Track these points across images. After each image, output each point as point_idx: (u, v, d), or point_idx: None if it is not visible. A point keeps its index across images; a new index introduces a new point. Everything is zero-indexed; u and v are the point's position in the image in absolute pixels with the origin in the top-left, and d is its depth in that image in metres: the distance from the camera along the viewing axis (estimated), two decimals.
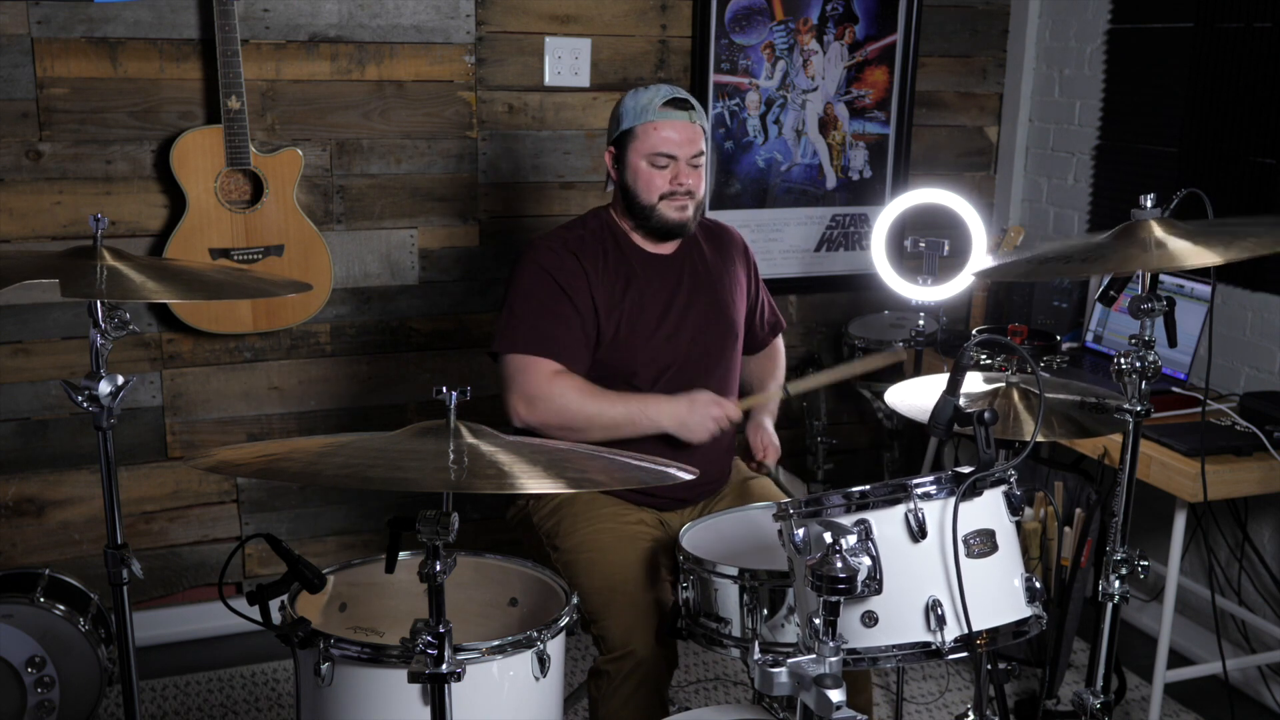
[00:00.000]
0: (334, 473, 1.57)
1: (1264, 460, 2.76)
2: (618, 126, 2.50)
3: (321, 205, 3.31)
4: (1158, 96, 3.49)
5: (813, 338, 3.91)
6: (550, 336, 2.43)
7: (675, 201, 2.48)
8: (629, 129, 2.47)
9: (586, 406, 2.41)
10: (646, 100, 2.46)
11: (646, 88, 2.50)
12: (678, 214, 2.49)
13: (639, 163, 2.46)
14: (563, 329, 2.44)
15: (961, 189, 3.77)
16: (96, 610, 2.79)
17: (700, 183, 2.51)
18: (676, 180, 2.46)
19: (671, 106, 2.45)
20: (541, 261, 2.48)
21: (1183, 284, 3.16)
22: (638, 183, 2.47)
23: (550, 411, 2.41)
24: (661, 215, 2.49)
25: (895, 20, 3.76)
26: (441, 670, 1.66)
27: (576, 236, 2.53)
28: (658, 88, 2.49)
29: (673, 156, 2.45)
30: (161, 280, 1.90)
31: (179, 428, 3.31)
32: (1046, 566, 2.84)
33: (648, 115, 2.45)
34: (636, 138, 2.46)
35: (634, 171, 2.47)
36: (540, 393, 2.41)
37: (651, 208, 2.48)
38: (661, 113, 2.44)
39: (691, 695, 3.16)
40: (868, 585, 1.74)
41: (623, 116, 2.49)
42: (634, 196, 2.49)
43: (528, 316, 2.45)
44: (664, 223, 2.49)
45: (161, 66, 3.10)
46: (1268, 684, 3.16)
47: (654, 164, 2.45)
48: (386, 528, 1.74)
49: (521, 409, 2.42)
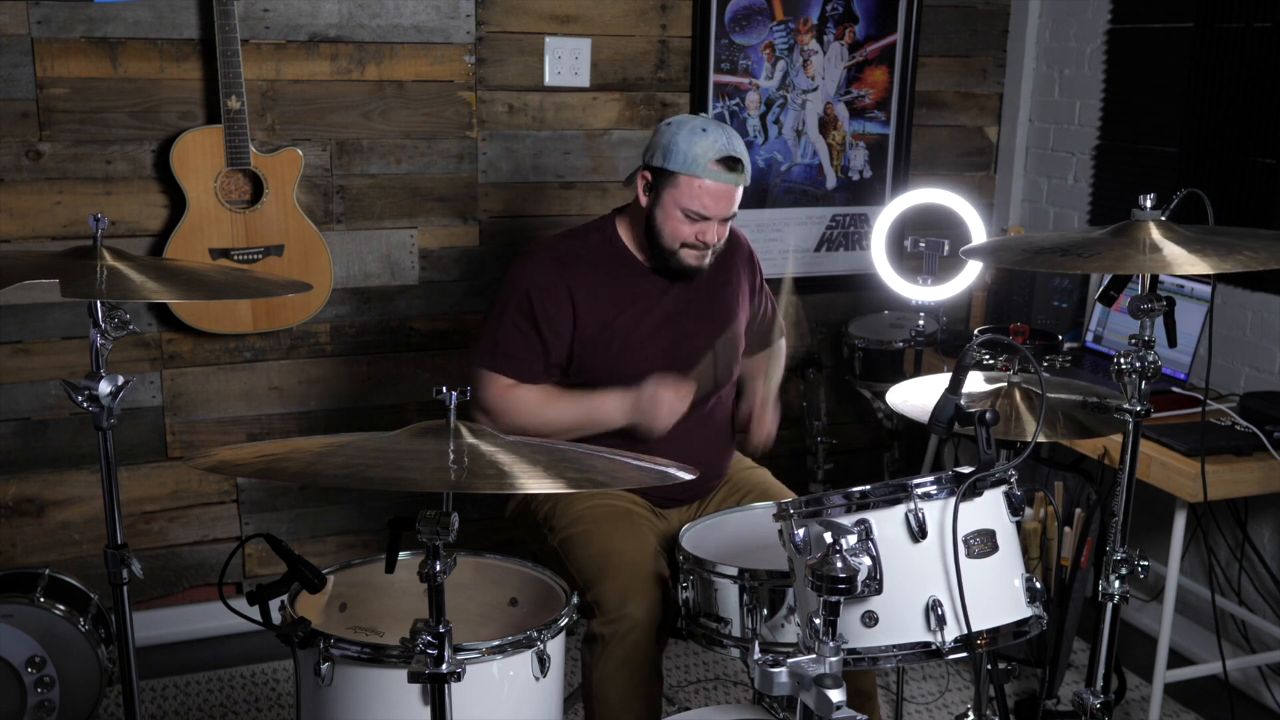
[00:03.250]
0: (334, 473, 1.57)
1: (1264, 460, 2.75)
2: (663, 159, 2.42)
3: (321, 205, 3.31)
4: (1158, 96, 3.49)
5: (813, 338, 3.91)
6: (508, 355, 2.48)
7: (696, 253, 2.48)
8: (674, 172, 2.41)
9: (539, 415, 2.47)
10: (701, 150, 2.38)
11: (706, 132, 2.40)
12: (695, 262, 2.50)
13: (673, 209, 2.43)
14: (525, 350, 2.48)
15: (961, 189, 3.77)
16: (96, 610, 2.79)
17: (725, 234, 2.50)
18: (702, 237, 2.45)
19: (723, 166, 2.39)
20: (526, 275, 2.50)
21: (1183, 284, 3.16)
22: (665, 226, 2.46)
23: (507, 424, 2.45)
24: (680, 261, 2.49)
25: (895, 20, 3.76)
26: (441, 670, 1.66)
27: (572, 250, 2.54)
28: (717, 137, 2.39)
29: (707, 217, 2.43)
30: (161, 280, 1.90)
31: (179, 428, 3.31)
32: (1046, 566, 2.84)
33: (697, 169, 2.39)
34: (678, 186, 2.41)
35: (665, 213, 2.45)
36: (496, 407, 2.48)
37: (673, 253, 2.49)
38: (712, 172, 2.39)
39: (691, 695, 3.16)
40: (868, 585, 1.74)
41: (671, 153, 2.40)
42: (657, 235, 2.48)
43: (494, 330, 2.51)
44: (680, 267, 2.51)
45: (161, 66, 3.10)
46: (1268, 684, 3.16)
47: (688, 216, 2.43)
48: (386, 528, 1.74)
49: (483, 419, 2.48)
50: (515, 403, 2.48)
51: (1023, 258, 2.01)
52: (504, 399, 2.48)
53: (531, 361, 2.49)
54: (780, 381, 2.77)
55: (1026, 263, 2.01)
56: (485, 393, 2.49)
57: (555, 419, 2.47)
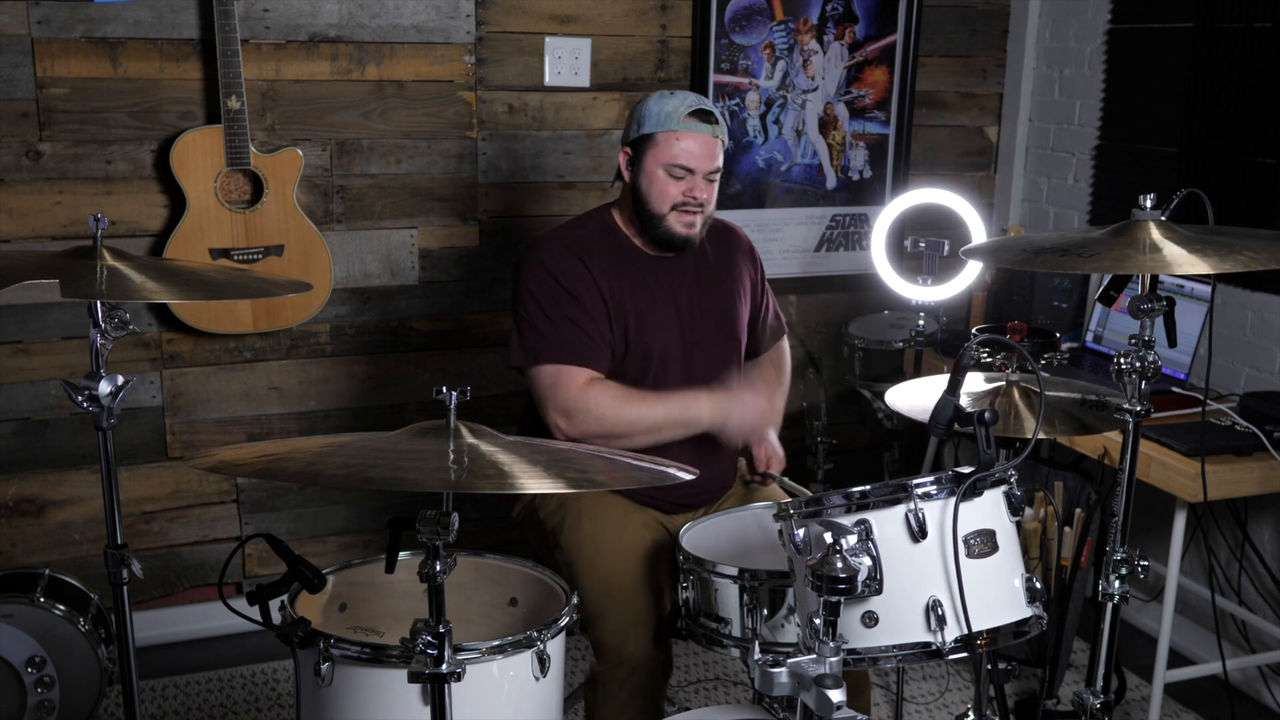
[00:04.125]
0: (334, 473, 1.57)
1: (1264, 460, 2.76)
2: (638, 129, 2.44)
3: (321, 205, 3.31)
4: (1158, 96, 3.49)
5: (813, 338, 3.91)
6: (573, 342, 2.39)
7: (685, 216, 2.45)
8: (650, 134, 2.42)
9: (625, 412, 2.36)
10: (672, 107, 2.41)
11: (673, 93, 2.44)
12: (685, 229, 2.46)
13: (655, 170, 2.42)
14: (582, 332, 2.41)
15: (961, 189, 3.77)
16: (96, 610, 2.79)
17: (713, 197, 2.48)
18: (690, 193, 2.43)
19: (696, 118, 2.41)
20: (547, 265, 2.44)
21: (1183, 284, 3.16)
22: (651, 189, 2.44)
23: (590, 422, 2.35)
24: (669, 227, 2.46)
25: (895, 20, 3.76)
26: (441, 670, 1.66)
27: (576, 237, 2.50)
28: (684, 95, 2.44)
29: (690, 169, 2.42)
30: (161, 280, 1.90)
31: (179, 428, 3.31)
32: (1046, 566, 2.84)
33: (671, 124, 2.40)
34: (656, 144, 2.42)
35: (649, 178, 2.44)
36: (576, 405, 2.36)
37: (661, 217, 2.45)
38: (686, 123, 2.40)
39: (691, 695, 3.16)
40: (868, 585, 1.74)
41: (644, 119, 2.44)
42: (645, 203, 2.45)
43: (546, 325, 2.40)
44: (670, 234, 2.46)
45: (161, 66, 3.10)
46: (1268, 684, 3.16)
47: (671, 174, 2.42)
48: (386, 528, 1.74)
49: (561, 423, 2.37)
50: (598, 398, 2.36)
51: (1023, 258, 2.01)
52: (585, 395, 2.35)
53: (596, 347, 2.40)
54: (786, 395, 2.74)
55: (1026, 263, 2.01)
56: (559, 391, 2.36)
57: (641, 417, 2.36)
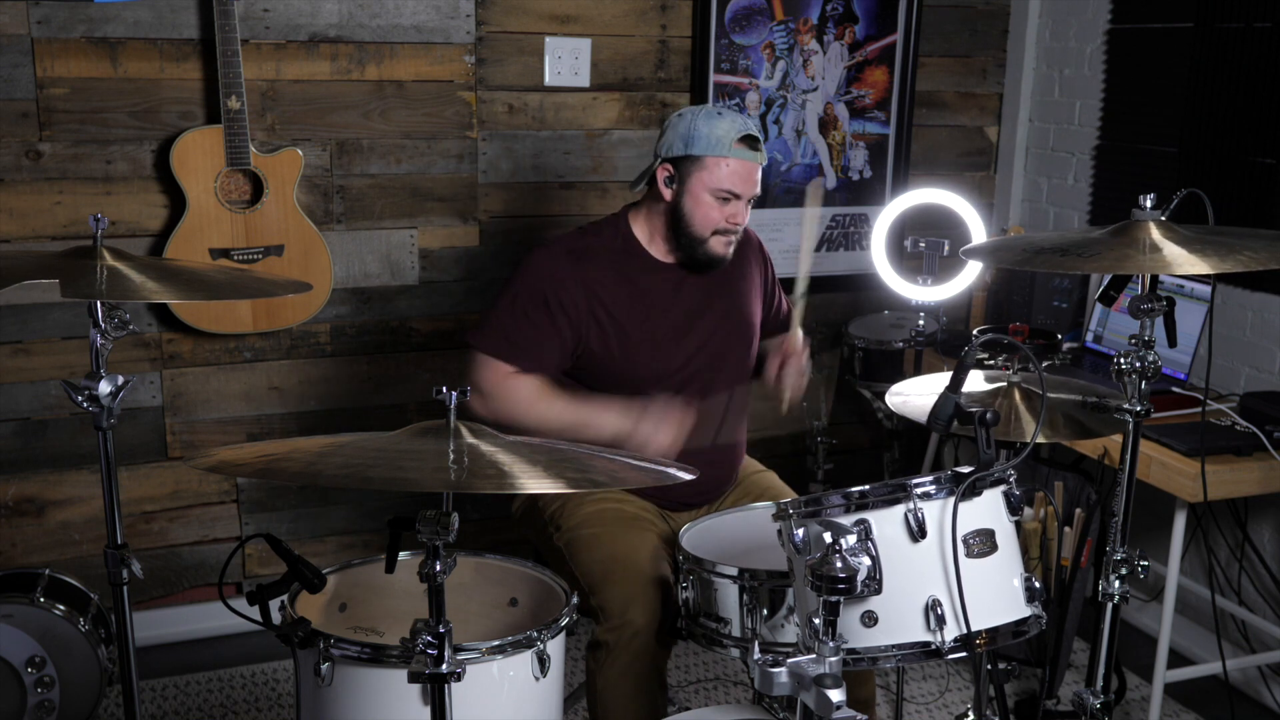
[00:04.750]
0: (334, 473, 1.57)
1: (1264, 460, 2.76)
2: (684, 147, 2.44)
3: (321, 205, 3.31)
4: (1158, 96, 3.49)
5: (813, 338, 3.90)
6: (514, 341, 2.46)
7: (725, 239, 2.49)
8: (698, 156, 2.43)
9: (533, 410, 2.44)
10: (723, 131, 2.42)
11: (721, 114, 2.44)
12: (723, 250, 2.51)
13: (702, 194, 2.44)
14: (535, 338, 2.46)
15: (961, 189, 3.77)
16: (96, 610, 2.79)
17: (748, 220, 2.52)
18: (734, 219, 2.47)
19: (745, 144, 2.43)
20: (542, 267, 2.49)
21: (1183, 284, 3.16)
22: (696, 212, 2.46)
23: (499, 410, 2.43)
24: (709, 250, 2.49)
25: (895, 20, 3.76)
26: (441, 670, 1.66)
27: (586, 245, 2.53)
28: (733, 118, 2.44)
29: (738, 195, 2.45)
30: (161, 280, 1.90)
31: (179, 428, 3.31)
32: (1046, 566, 2.84)
33: (721, 149, 2.42)
34: (705, 169, 2.43)
35: (694, 200, 2.45)
36: (492, 391, 2.46)
37: (704, 241, 2.48)
38: (737, 150, 2.42)
39: (691, 695, 3.16)
40: (867, 585, 1.74)
41: (693, 140, 2.43)
42: (687, 224, 2.48)
43: (508, 319, 2.48)
44: (709, 256, 2.51)
45: (161, 66, 3.10)
46: (1268, 684, 3.16)
47: (717, 198, 2.45)
48: (386, 528, 1.74)
49: (475, 403, 2.44)
50: (513, 391, 2.46)
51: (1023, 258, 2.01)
52: (502, 384, 2.46)
53: (537, 353, 2.47)
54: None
55: (1027, 263, 2.01)
56: (483, 375, 2.47)
57: (550, 416, 2.44)
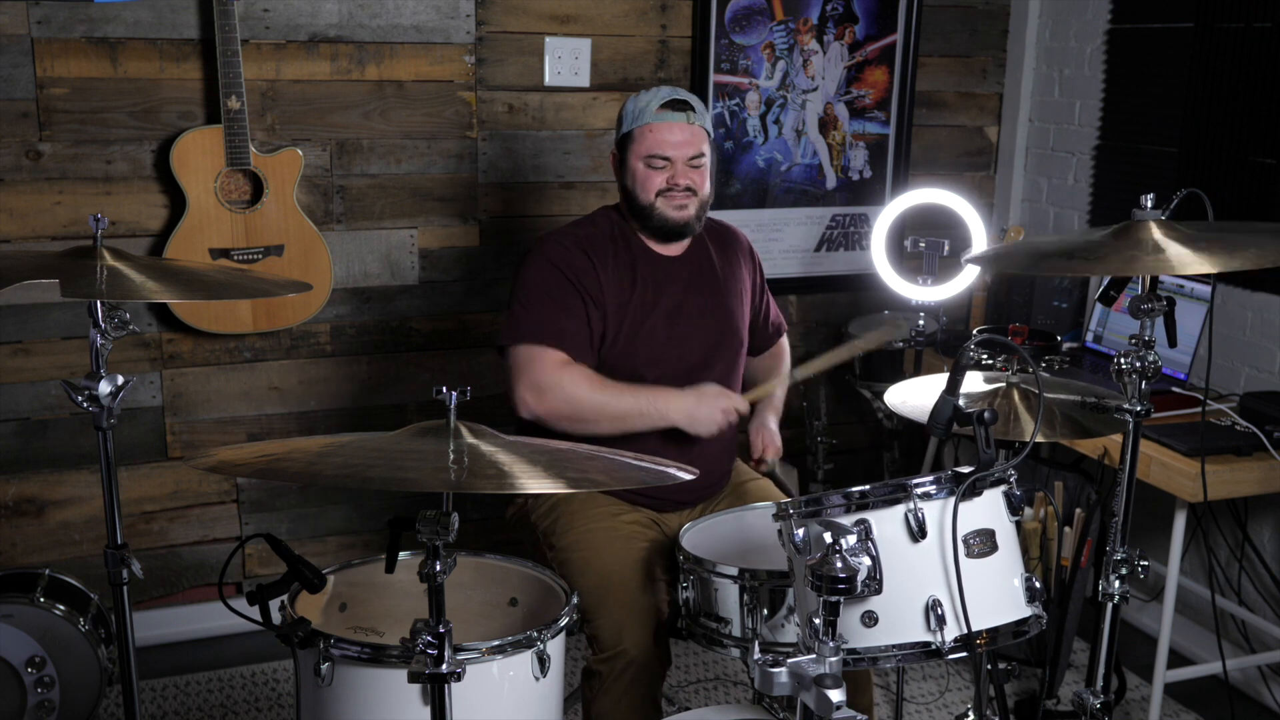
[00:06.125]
0: (334, 473, 1.57)
1: (1264, 460, 2.76)
2: (620, 129, 2.53)
3: (321, 205, 3.31)
4: (1158, 96, 3.49)
5: (813, 338, 3.91)
6: (558, 327, 2.43)
7: (674, 200, 2.48)
8: (628, 132, 2.50)
9: (595, 396, 2.40)
10: (644, 103, 2.48)
11: (647, 90, 2.51)
12: (677, 212, 2.49)
13: (636, 164, 2.49)
14: (571, 321, 2.44)
15: (961, 189, 3.77)
16: (96, 610, 2.79)
17: (704, 181, 2.51)
18: (673, 180, 2.47)
19: (669, 108, 2.46)
20: (551, 256, 2.48)
21: (1183, 284, 3.16)
22: (635, 183, 2.50)
23: (559, 400, 2.39)
24: (661, 213, 2.49)
25: (895, 20, 3.76)
26: (441, 670, 1.66)
27: (587, 234, 2.54)
28: (657, 90, 2.50)
29: (667, 158, 2.46)
30: (161, 280, 1.90)
31: (179, 428, 3.31)
32: (1046, 566, 2.84)
33: (644, 118, 2.47)
34: (634, 140, 2.49)
35: (632, 173, 2.50)
36: (549, 382, 2.40)
37: (650, 206, 2.49)
38: (658, 115, 2.46)
39: (691, 695, 3.16)
40: (868, 585, 1.74)
41: (623, 119, 2.52)
42: (634, 197, 2.51)
43: (536, 308, 2.45)
44: (664, 221, 2.50)
45: (161, 66, 3.10)
46: (1268, 684, 3.16)
47: (650, 165, 2.47)
48: (386, 528, 1.74)
49: (530, 399, 2.41)
50: (571, 380, 2.40)
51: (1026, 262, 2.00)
52: (559, 373, 2.39)
53: (580, 338, 2.44)
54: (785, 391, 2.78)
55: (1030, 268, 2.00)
56: (535, 367, 2.40)
57: (609, 403, 2.40)
